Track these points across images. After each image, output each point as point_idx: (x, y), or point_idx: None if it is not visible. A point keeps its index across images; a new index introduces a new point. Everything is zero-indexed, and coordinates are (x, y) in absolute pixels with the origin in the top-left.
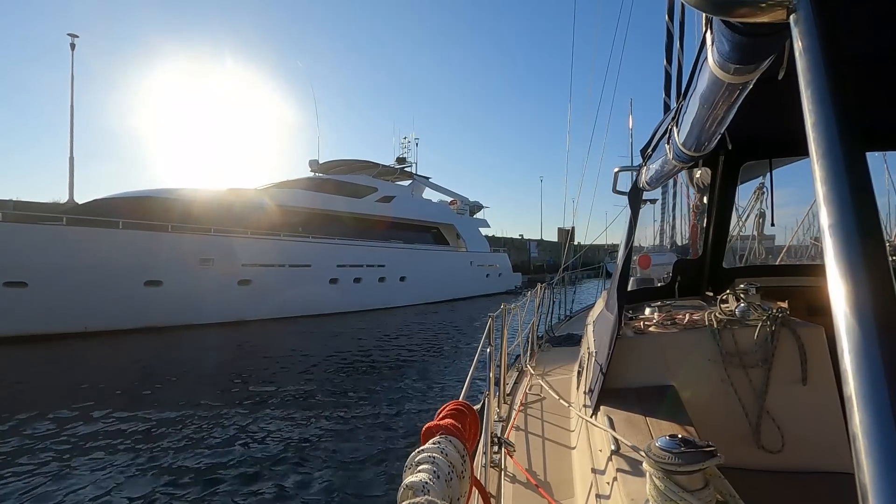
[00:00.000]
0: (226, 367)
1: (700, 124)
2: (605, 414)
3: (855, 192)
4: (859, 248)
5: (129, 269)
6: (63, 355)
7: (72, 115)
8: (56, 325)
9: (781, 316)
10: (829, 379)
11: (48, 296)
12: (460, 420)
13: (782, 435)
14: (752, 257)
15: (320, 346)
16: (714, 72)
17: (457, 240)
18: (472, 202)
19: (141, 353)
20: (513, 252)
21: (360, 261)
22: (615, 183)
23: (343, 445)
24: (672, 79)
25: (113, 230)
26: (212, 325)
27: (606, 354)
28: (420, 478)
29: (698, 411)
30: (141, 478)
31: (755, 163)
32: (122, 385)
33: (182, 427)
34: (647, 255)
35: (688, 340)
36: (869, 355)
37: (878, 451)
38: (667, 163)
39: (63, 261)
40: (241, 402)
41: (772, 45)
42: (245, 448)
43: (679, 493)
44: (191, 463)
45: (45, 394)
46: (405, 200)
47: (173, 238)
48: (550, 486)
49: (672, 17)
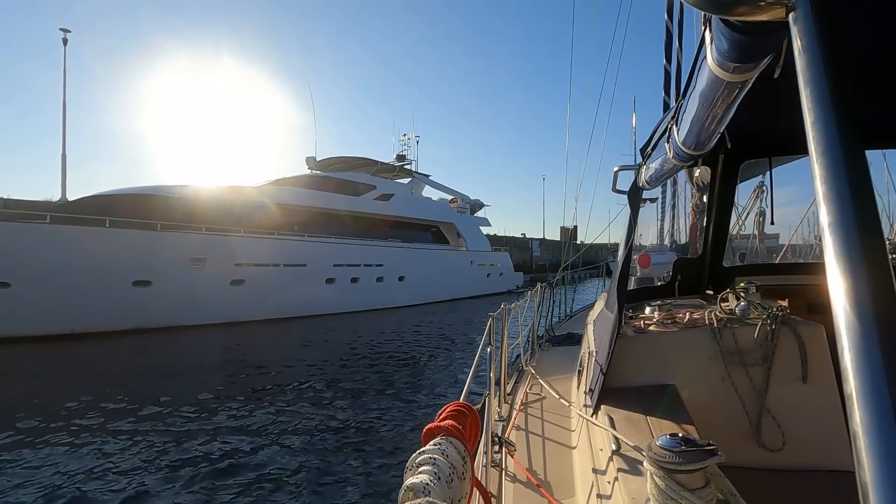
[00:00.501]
0: (211, 373)
1: (699, 123)
2: (606, 413)
3: (855, 190)
4: (859, 247)
5: (116, 269)
6: (45, 356)
7: (64, 112)
8: (41, 327)
9: (781, 314)
10: (829, 377)
11: (33, 296)
12: (461, 421)
13: (783, 433)
14: (755, 256)
15: (315, 348)
16: (713, 70)
17: (457, 239)
18: (473, 200)
19: (127, 355)
20: (515, 251)
21: (357, 260)
22: (615, 182)
23: (332, 461)
24: (671, 78)
25: (99, 229)
26: (204, 326)
27: (607, 354)
28: (421, 479)
29: (699, 410)
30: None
31: (755, 161)
32: (96, 390)
33: (150, 443)
34: (647, 255)
35: (688, 339)
36: (869, 353)
37: (878, 449)
38: (666, 162)
39: (48, 260)
40: (222, 412)
41: (770, 44)
42: (224, 458)
43: (680, 492)
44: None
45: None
46: (404, 198)
47: (163, 237)
48: (551, 485)
49: (671, 17)
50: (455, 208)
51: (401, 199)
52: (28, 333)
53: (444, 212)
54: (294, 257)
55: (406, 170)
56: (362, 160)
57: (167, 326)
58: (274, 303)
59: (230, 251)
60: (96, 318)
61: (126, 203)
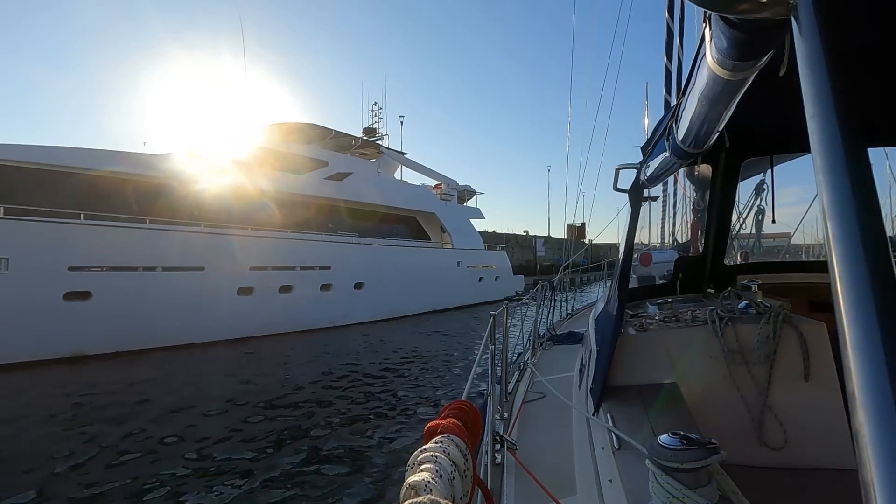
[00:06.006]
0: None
1: (699, 121)
2: (607, 411)
3: (856, 188)
4: (861, 244)
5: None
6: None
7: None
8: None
9: (783, 312)
10: (831, 375)
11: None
12: (462, 419)
13: (785, 431)
14: (765, 256)
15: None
16: (712, 68)
17: (440, 233)
18: (462, 186)
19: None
20: (516, 250)
21: (290, 261)
22: (616, 180)
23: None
24: (672, 76)
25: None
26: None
27: (608, 352)
28: (422, 477)
29: (700, 408)
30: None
31: (756, 159)
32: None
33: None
34: (648, 253)
35: (690, 338)
36: (871, 351)
37: (880, 448)
38: (667, 160)
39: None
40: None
41: (770, 42)
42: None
43: (681, 489)
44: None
45: None
46: (367, 180)
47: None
48: (553, 483)
49: (672, 14)
50: (438, 195)
51: (362, 179)
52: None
53: (423, 199)
54: (183, 257)
55: (375, 145)
56: (311, 127)
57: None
58: (135, 325)
59: (59, 247)
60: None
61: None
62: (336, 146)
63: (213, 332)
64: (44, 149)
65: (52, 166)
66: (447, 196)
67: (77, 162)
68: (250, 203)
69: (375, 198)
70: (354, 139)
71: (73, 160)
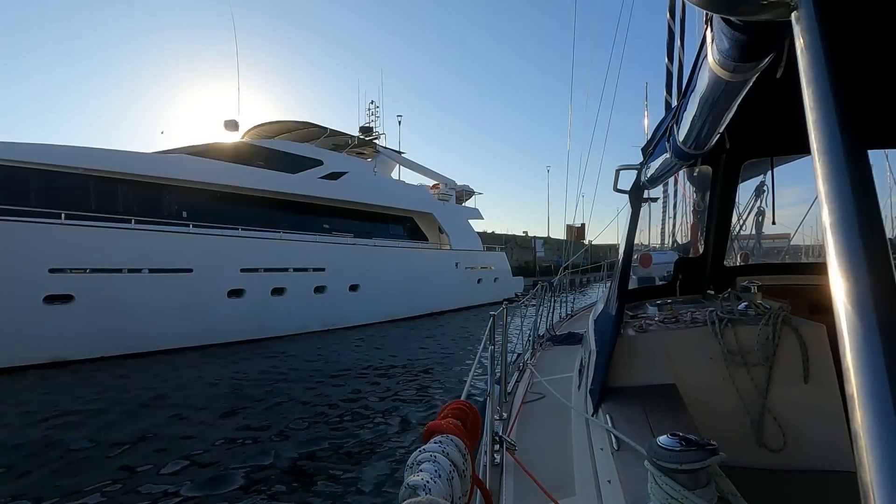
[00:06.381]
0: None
1: (700, 122)
2: (607, 412)
3: (857, 190)
4: (861, 246)
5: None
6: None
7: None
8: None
9: (783, 314)
10: (830, 377)
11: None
12: (462, 419)
13: (784, 433)
14: (766, 257)
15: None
16: (714, 70)
17: (437, 234)
18: (461, 186)
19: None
20: (516, 251)
21: (282, 262)
22: (616, 181)
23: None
24: (673, 76)
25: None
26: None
27: (608, 353)
28: (422, 477)
29: (700, 410)
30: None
31: (756, 161)
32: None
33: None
34: (648, 254)
35: (689, 339)
36: (871, 353)
37: (879, 450)
38: (667, 161)
39: None
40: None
41: (771, 43)
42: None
43: (680, 491)
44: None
45: None
46: (363, 179)
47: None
48: (552, 484)
49: (673, 15)
50: (436, 195)
51: (358, 179)
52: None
53: (421, 199)
54: (172, 258)
55: (371, 144)
56: (305, 125)
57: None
58: (125, 329)
59: (33, 248)
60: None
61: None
62: (331, 145)
63: (202, 336)
64: (19, 146)
65: (32, 164)
66: (445, 196)
67: (57, 160)
68: (242, 202)
69: (371, 197)
70: (350, 138)
71: (52, 158)
